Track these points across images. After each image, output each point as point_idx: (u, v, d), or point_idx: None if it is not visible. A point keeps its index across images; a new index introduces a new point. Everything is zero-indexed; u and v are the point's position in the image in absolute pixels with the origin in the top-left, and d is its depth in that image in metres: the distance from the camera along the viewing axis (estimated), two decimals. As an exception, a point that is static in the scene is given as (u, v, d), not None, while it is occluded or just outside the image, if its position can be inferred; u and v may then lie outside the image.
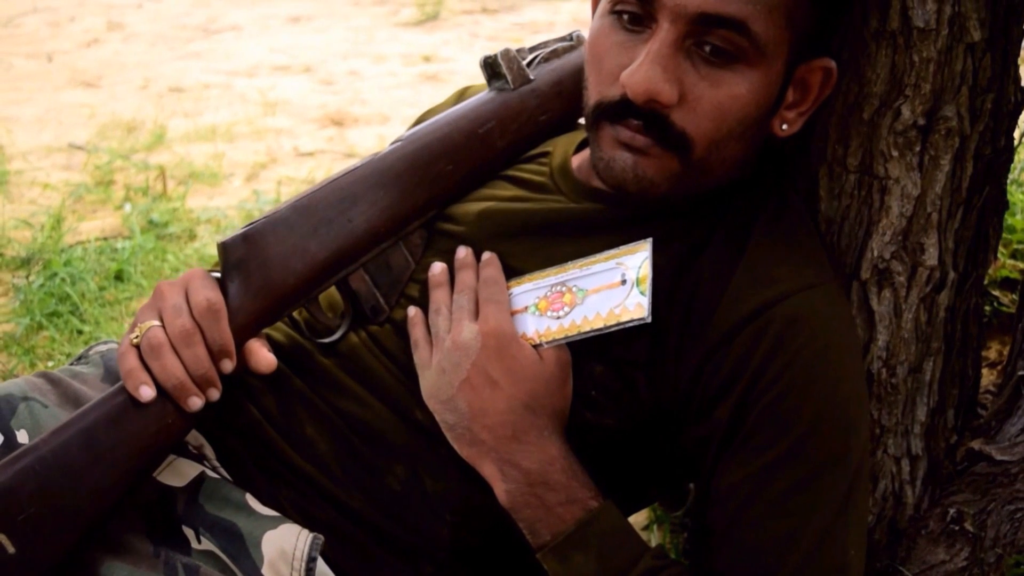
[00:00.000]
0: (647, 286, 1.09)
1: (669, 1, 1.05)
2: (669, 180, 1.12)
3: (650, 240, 1.11)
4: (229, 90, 4.43)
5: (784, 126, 1.16)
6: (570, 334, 1.12)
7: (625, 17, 1.09)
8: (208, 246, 2.87)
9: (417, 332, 1.17)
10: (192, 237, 2.96)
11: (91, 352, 1.32)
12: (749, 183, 1.20)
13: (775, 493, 1.07)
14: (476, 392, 1.11)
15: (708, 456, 1.12)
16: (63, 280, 2.58)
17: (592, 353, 1.14)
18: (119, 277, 2.67)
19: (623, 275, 1.11)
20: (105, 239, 2.88)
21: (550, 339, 1.13)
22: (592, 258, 1.14)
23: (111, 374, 1.27)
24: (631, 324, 1.09)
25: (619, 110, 1.10)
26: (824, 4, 1.11)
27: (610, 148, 1.12)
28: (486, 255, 1.18)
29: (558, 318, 1.13)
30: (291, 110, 4.17)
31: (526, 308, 1.15)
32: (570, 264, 1.15)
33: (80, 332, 2.43)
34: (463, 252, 1.19)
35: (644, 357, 1.13)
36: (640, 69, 1.06)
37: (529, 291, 1.15)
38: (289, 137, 3.86)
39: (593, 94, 1.14)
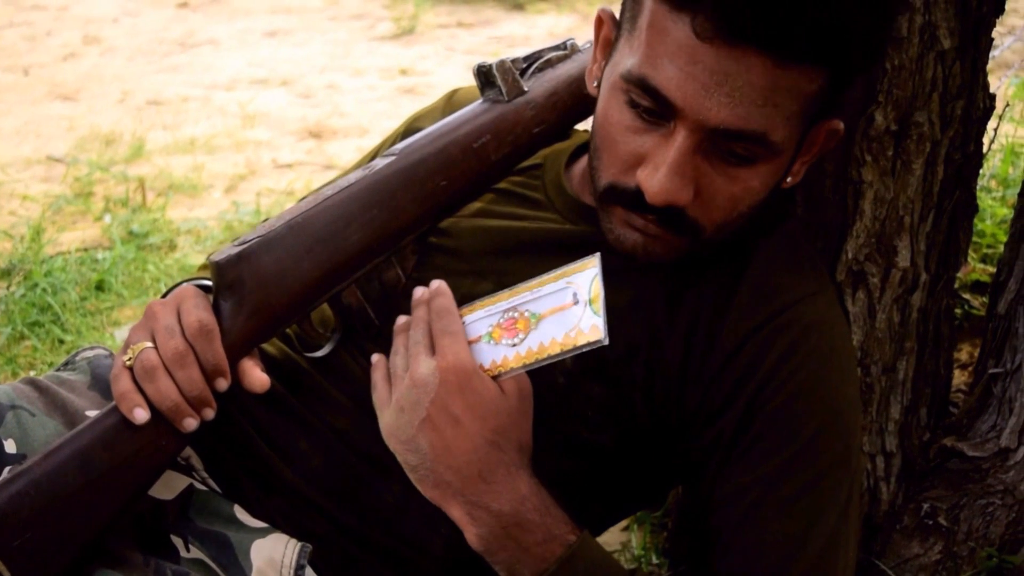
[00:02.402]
0: (600, 305, 1.04)
1: (691, 114, 1.02)
2: (678, 254, 1.13)
3: (598, 255, 1.07)
4: (208, 103, 4.44)
5: (789, 178, 1.15)
6: (528, 362, 1.07)
7: (640, 109, 1.06)
8: (189, 256, 2.88)
9: (376, 375, 1.12)
10: (172, 248, 2.97)
11: (78, 358, 1.31)
12: None
13: (784, 496, 1.08)
14: (438, 431, 1.06)
15: (712, 460, 1.12)
16: (44, 290, 2.58)
17: (591, 373, 1.14)
18: (100, 287, 2.68)
19: (575, 294, 1.07)
20: (85, 250, 2.88)
21: (508, 369, 1.08)
22: (541, 279, 1.10)
23: (99, 381, 1.26)
24: (588, 348, 1.04)
25: (634, 201, 1.09)
26: (837, 87, 1.09)
27: (621, 227, 1.12)
28: (435, 284, 1.12)
29: (514, 346, 1.08)
30: (270, 122, 4.18)
31: (480, 337, 1.10)
32: (520, 287, 1.10)
33: (62, 341, 2.44)
34: (419, 292, 1.13)
35: (640, 378, 1.14)
36: (658, 178, 1.04)
37: (482, 319, 1.11)
38: (268, 149, 3.88)
39: (605, 174, 1.11)
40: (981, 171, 1.60)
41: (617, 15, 1.13)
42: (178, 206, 3.30)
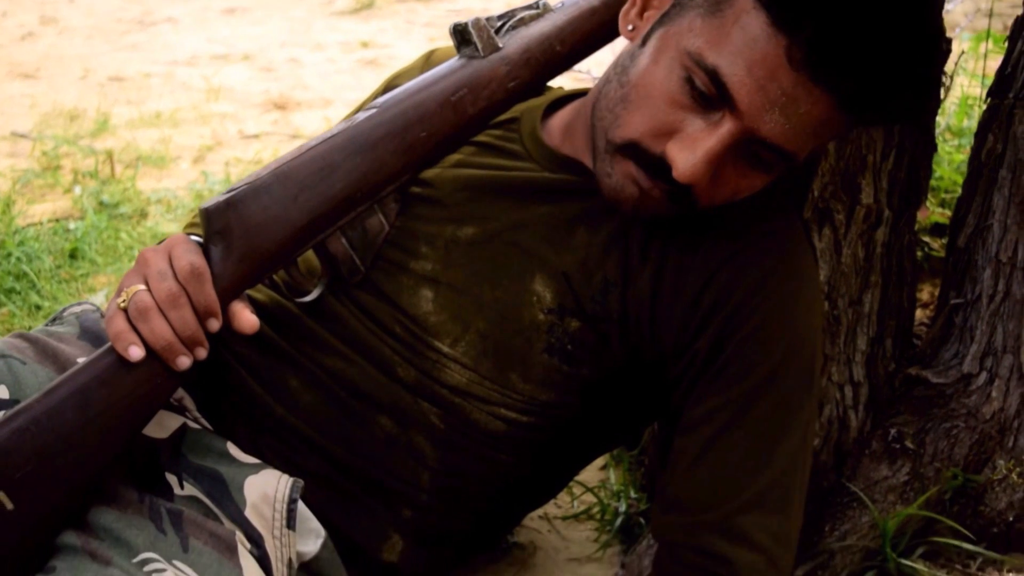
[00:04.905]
0: None
1: (747, 119, 1.06)
2: (664, 215, 1.17)
3: None
4: (171, 79, 4.43)
5: None
6: None
7: (696, 91, 1.09)
8: (160, 225, 2.89)
9: None
10: (144, 216, 2.98)
11: (65, 313, 1.34)
12: None
13: (753, 417, 1.14)
14: None
15: (682, 384, 1.18)
16: (19, 259, 2.59)
17: (569, 310, 1.19)
18: (74, 255, 2.68)
19: None
20: (57, 220, 2.89)
21: None
22: None
23: (88, 332, 1.28)
24: None
25: (653, 166, 1.12)
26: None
27: (623, 178, 1.15)
28: None
29: None
30: (234, 96, 4.18)
31: None
32: None
33: (39, 307, 2.45)
34: None
35: (616, 313, 1.18)
36: (693, 161, 1.08)
37: None
38: (234, 121, 3.88)
39: (630, 130, 1.14)
40: (937, 122, 1.65)
41: None
42: (147, 177, 3.31)
